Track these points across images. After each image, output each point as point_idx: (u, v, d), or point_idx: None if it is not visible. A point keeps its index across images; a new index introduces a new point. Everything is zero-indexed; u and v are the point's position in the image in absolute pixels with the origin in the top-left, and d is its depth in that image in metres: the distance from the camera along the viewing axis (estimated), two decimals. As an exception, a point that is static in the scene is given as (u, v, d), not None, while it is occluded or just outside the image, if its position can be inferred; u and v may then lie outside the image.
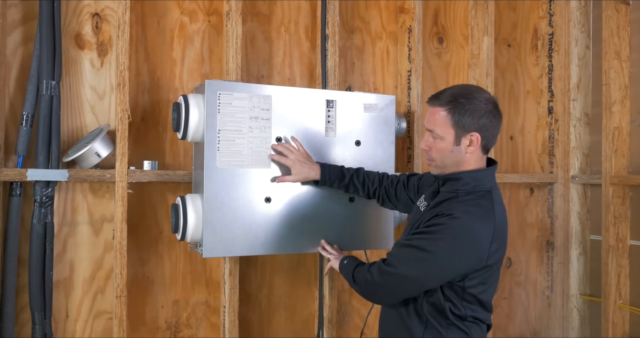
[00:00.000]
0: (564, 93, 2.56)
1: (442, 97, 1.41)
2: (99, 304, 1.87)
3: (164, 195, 1.95)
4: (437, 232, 1.34)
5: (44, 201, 1.72)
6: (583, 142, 2.58)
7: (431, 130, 1.42)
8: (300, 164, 1.71)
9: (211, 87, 1.66)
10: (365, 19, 2.29)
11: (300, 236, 1.79)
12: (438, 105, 1.41)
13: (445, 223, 1.34)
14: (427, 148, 1.45)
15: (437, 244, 1.34)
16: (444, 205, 1.40)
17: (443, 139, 1.40)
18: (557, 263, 2.56)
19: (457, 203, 1.38)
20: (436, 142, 1.42)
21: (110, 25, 1.88)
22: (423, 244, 1.35)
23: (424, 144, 1.45)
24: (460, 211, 1.35)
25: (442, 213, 1.36)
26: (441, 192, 1.46)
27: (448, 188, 1.44)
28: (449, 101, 1.39)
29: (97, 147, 1.73)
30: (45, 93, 1.72)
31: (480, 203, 1.38)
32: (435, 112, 1.41)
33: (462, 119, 1.38)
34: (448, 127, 1.39)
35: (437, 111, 1.41)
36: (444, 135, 1.40)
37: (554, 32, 2.58)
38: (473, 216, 1.35)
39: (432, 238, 1.35)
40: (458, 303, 1.39)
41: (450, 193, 1.42)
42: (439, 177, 1.48)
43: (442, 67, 2.45)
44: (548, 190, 2.59)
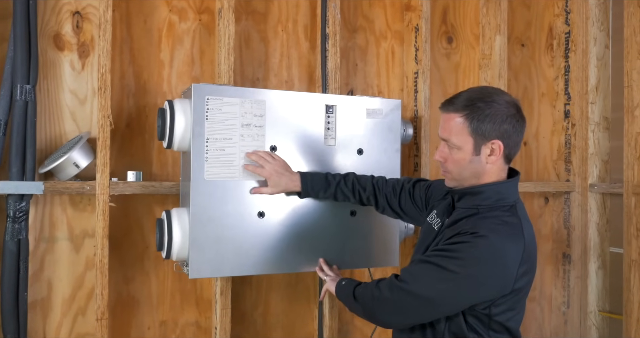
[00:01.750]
0: (581, 96, 2.39)
1: (457, 102, 1.25)
2: (80, 326, 1.73)
3: (151, 208, 1.81)
4: (461, 250, 1.19)
5: (18, 216, 1.58)
6: (602, 148, 2.42)
7: (446, 139, 1.27)
8: (278, 175, 1.54)
9: (198, 92, 1.52)
10: (369, 17, 2.14)
11: (297, 254, 1.64)
12: (453, 110, 1.25)
13: (470, 241, 1.18)
14: (442, 159, 1.30)
15: (460, 264, 1.18)
16: (463, 222, 1.25)
17: (460, 149, 1.25)
18: (574, 278, 2.40)
19: (479, 220, 1.23)
20: (452, 152, 1.27)
21: (93, 25, 1.74)
22: (444, 263, 1.20)
23: (439, 155, 1.30)
24: (485, 229, 1.19)
25: (464, 232, 1.21)
26: (457, 208, 1.30)
27: (466, 203, 1.28)
28: (466, 106, 1.24)
29: (75, 156, 1.59)
30: (20, 98, 1.58)
31: (506, 221, 1.22)
32: (449, 118, 1.26)
33: (481, 126, 1.22)
34: (466, 135, 1.24)
35: (452, 118, 1.25)
36: (461, 144, 1.25)
37: (570, 31, 2.41)
38: (501, 235, 1.19)
39: (455, 256, 1.19)
40: (484, 333, 1.24)
41: (469, 210, 1.26)
42: (454, 190, 1.32)
43: (451, 69, 2.29)
44: (564, 200, 2.43)
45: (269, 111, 1.60)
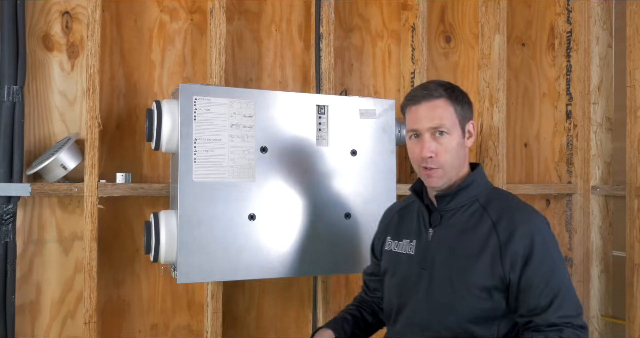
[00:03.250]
0: (583, 96, 2.34)
1: (434, 89, 1.25)
2: (69, 329, 1.70)
3: (142, 210, 1.78)
4: (553, 241, 1.20)
5: (5, 218, 1.56)
6: (605, 149, 2.36)
7: (438, 126, 1.22)
8: None
9: (186, 92, 1.49)
10: (365, 16, 2.11)
11: (289, 258, 1.61)
12: (436, 97, 1.24)
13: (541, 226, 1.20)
14: (433, 154, 1.22)
15: (558, 251, 1.20)
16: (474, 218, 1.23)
17: (451, 134, 1.23)
18: (576, 282, 2.35)
19: (493, 203, 1.24)
20: (443, 141, 1.22)
21: (82, 25, 1.72)
22: (555, 264, 1.18)
23: (428, 150, 1.22)
24: (524, 206, 1.24)
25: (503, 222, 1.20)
26: (447, 209, 1.26)
27: (459, 201, 1.25)
28: (445, 90, 1.25)
29: (62, 158, 1.57)
30: (7, 99, 1.56)
31: (515, 198, 1.28)
32: (435, 106, 1.23)
33: (462, 106, 1.26)
34: (454, 118, 1.24)
35: (438, 104, 1.23)
36: (452, 128, 1.23)
37: (572, 30, 2.37)
38: (534, 210, 1.25)
39: (555, 249, 1.19)
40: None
41: (468, 205, 1.25)
42: (444, 194, 1.26)
43: (450, 68, 2.25)
44: (566, 202, 2.38)
45: (258, 112, 1.57)
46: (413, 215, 1.35)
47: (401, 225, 1.37)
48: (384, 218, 1.45)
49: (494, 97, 2.18)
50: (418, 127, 1.23)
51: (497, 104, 2.17)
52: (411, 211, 1.37)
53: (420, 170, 1.25)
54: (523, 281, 1.15)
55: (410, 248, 1.30)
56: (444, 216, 1.26)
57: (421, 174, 1.26)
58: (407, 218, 1.36)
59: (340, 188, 1.67)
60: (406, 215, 1.38)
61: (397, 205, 1.46)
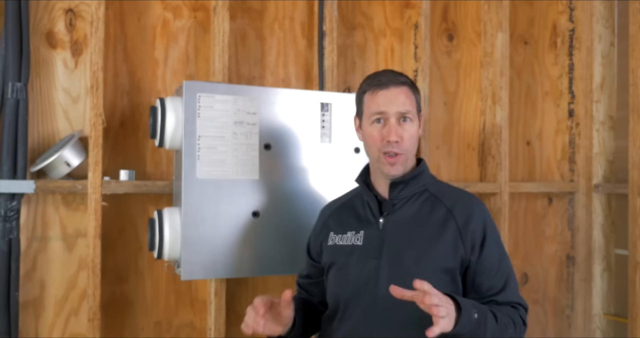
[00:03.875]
0: (585, 94, 2.34)
1: (397, 75, 1.26)
2: (73, 326, 1.70)
3: (145, 207, 1.78)
4: (493, 227, 1.26)
5: (9, 215, 1.56)
6: (607, 147, 2.37)
7: (405, 112, 1.22)
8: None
9: (190, 89, 1.49)
10: (368, 14, 2.11)
11: (293, 255, 1.60)
12: (402, 83, 1.24)
13: (485, 212, 1.26)
14: (399, 139, 1.21)
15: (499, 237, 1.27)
16: (428, 206, 1.26)
17: (413, 121, 1.24)
18: (579, 280, 2.35)
19: (443, 192, 1.29)
20: (407, 127, 1.23)
21: (86, 23, 1.72)
22: (502, 248, 1.26)
23: (395, 134, 1.20)
24: (470, 196, 1.30)
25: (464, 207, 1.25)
26: (398, 197, 1.25)
27: (409, 190, 1.26)
28: (406, 78, 1.27)
29: (66, 155, 1.58)
30: (11, 96, 1.56)
31: (458, 188, 1.34)
32: (400, 92, 1.23)
33: (418, 96, 1.28)
34: (414, 106, 1.26)
35: (403, 90, 1.24)
36: (414, 115, 1.25)
37: (574, 28, 2.37)
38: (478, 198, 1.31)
39: (497, 235, 1.26)
40: None
41: (420, 193, 1.27)
42: (398, 181, 1.24)
43: (452, 67, 2.25)
44: (568, 200, 2.38)
45: (262, 109, 1.57)
46: (357, 208, 1.32)
47: (344, 219, 1.33)
48: (322, 217, 1.40)
49: (496, 95, 2.18)
50: (386, 110, 1.21)
51: (499, 102, 2.17)
52: (353, 205, 1.34)
53: (381, 157, 1.22)
54: (479, 263, 1.21)
55: (357, 239, 1.26)
56: (396, 204, 1.25)
57: (381, 161, 1.23)
58: (350, 212, 1.33)
59: (344, 185, 1.66)
60: (348, 209, 1.34)
61: (334, 203, 1.41)
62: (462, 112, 2.26)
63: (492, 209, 2.20)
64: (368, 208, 1.29)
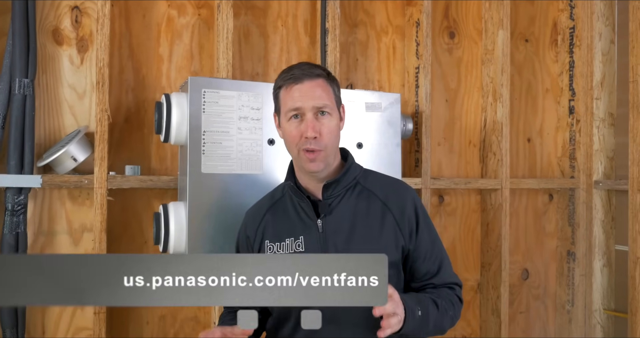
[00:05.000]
0: (586, 91, 2.36)
1: (315, 69, 1.19)
2: (79, 320, 1.72)
3: (150, 202, 1.80)
4: (424, 211, 1.25)
5: (16, 209, 1.58)
6: (607, 144, 2.38)
7: (322, 106, 1.16)
8: None
9: (195, 85, 1.51)
10: (370, 12, 2.13)
11: (294, 248, 1.62)
12: (317, 75, 1.18)
13: (415, 197, 1.25)
14: (317, 133, 1.15)
15: (430, 220, 1.27)
16: (363, 201, 1.21)
17: (332, 115, 1.18)
18: (579, 276, 2.37)
19: (373, 181, 1.25)
20: (325, 121, 1.16)
21: (91, 20, 1.74)
22: (433, 231, 1.26)
23: (313, 130, 1.14)
24: (394, 182, 1.28)
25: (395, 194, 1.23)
26: (332, 196, 1.20)
27: (342, 186, 1.21)
28: (322, 70, 1.21)
29: (73, 150, 1.60)
30: (18, 92, 1.58)
31: (384, 174, 1.32)
32: (317, 84, 1.17)
33: (337, 87, 1.23)
34: (333, 100, 1.19)
35: (320, 83, 1.17)
36: (332, 109, 1.19)
37: (575, 26, 2.39)
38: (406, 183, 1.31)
39: (429, 221, 1.26)
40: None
41: (349, 189, 1.22)
42: (325, 184, 1.19)
43: (453, 64, 2.27)
44: (569, 197, 2.40)
45: (266, 104, 1.59)
46: (288, 211, 1.24)
47: (277, 225, 1.24)
48: (252, 222, 1.29)
49: (497, 92, 2.20)
50: (302, 105, 1.15)
51: (500, 99, 2.19)
52: (284, 208, 1.26)
53: (301, 154, 1.17)
54: (415, 249, 1.21)
55: (297, 246, 1.20)
56: (332, 204, 1.20)
57: (301, 158, 1.17)
58: (283, 216, 1.25)
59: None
60: (278, 213, 1.26)
61: (262, 205, 1.32)
62: (463, 109, 2.28)
63: (493, 205, 2.22)
64: (302, 211, 1.22)
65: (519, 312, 2.37)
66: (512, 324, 2.32)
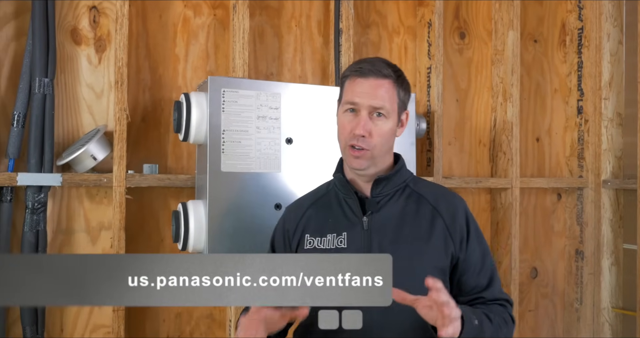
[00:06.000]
0: (594, 91, 2.39)
1: (383, 68, 1.15)
2: (96, 318, 1.74)
3: (166, 201, 1.82)
4: (476, 225, 1.20)
5: (36, 207, 1.59)
6: (615, 144, 2.41)
7: (380, 107, 1.13)
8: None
9: (214, 84, 1.53)
10: (382, 12, 2.15)
11: (311, 246, 1.64)
12: (384, 75, 1.14)
13: (466, 210, 1.20)
14: (366, 133, 1.12)
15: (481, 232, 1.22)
16: (412, 202, 1.18)
17: (389, 118, 1.14)
18: (587, 274, 2.39)
19: (423, 187, 1.21)
20: (379, 123, 1.13)
21: (109, 20, 1.76)
22: (484, 243, 1.20)
23: (363, 128, 1.11)
24: (445, 190, 1.24)
25: (445, 203, 1.18)
26: (380, 194, 1.17)
27: (392, 186, 1.18)
28: (393, 72, 1.16)
29: (92, 149, 1.61)
30: (38, 91, 1.60)
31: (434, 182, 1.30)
32: (380, 84, 1.13)
33: (405, 92, 1.18)
34: (394, 102, 1.15)
35: (383, 83, 1.13)
36: (391, 112, 1.14)
37: (583, 27, 2.41)
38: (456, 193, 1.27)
39: (480, 233, 1.20)
40: None
41: (399, 190, 1.18)
42: (375, 180, 1.17)
43: (464, 64, 2.29)
44: (577, 196, 2.42)
45: (284, 104, 1.61)
46: (332, 206, 1.22)
47: (320, 220, 1.21)
48: (293, 216, 1.26)
49: (507, 92, 2.22)
50: (359, 101, 1.13)
51: (510, 99, 2.21)
52: (327, 204, 1.23)
53: (347, 150, 1.15)
54: (464, 259, 1.16)
55: (339, 242, 1.17)
56: (380, 202, 1.17)
57: (347, 154, 1.16)
58: (326, 212, 1.22)
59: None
60: (322, 208, 1.23)
61: (304, 200, 1.29)
62: (473, 109, 2.30)
63: (503, 204, 2.24)
64: (347, 207, 1.19)
65: (527, 310, 2.39)
66: (521, 322, 2.34)
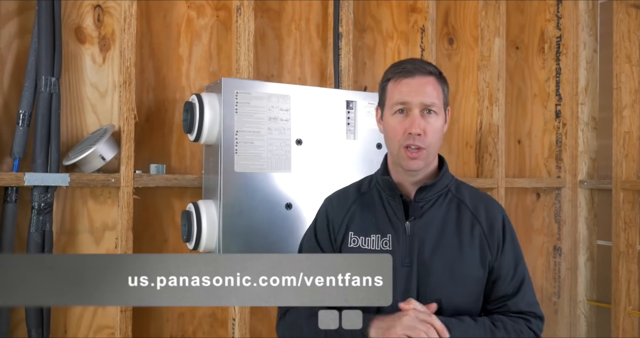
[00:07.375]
0: (571, 96, 2.52)
1: (425, 64, 1.16)
2: (100, 319, 1.73)
3: (170, 201, 1.82)
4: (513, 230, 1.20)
5: (43, 208, 1.57)
6: (590, 146, 2.55)
7: (430, 104, 1.12)
8: None
9: (228, 86, 1.55)
10: (377, 17, 2.21)
11: (319, 244, 1.68)
12: (429, 72, 1.14)
13: (505, 219, 1.20)
14: (422, 132, 1.11)
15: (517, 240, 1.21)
16: (453, 209, 1.18)
17: (438, 115, 1.14)
18: (565, 269, 2.53)
19: (464, 192, 1.21)
20: (431, 120, 1.12)
21: (113, 19, 1.75)
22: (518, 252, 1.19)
23: (418, 126, 1.10)
24: (491, 200, 1.24)
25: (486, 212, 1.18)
26: (424, 199, 1.17)
27: (435, 191, 1.18)
28: (435, 68, 1.17)
29: (101, 149, 1.60)
30: (45, 90, 1.57)
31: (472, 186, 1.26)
32: (427, 82, 1.13)
33: (447, 89, 1.18)
34: (441, 99, 1.15)
35: (430, 81, 1.13)
36: (440, 109, 1.14)
37: (562, 35, 2.54)
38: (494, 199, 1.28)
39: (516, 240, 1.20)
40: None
41: (442, 196, 1.19)
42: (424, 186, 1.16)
43: (452, 69, 2.38)
44: (555, 195, 2.55)
45: (293, 106, 1.64)
46: (375, 206, 1.21)
47: (364, 219, 1.20)
48: (338, 211, 1.23)
49: (493, 96, 2.33)
50: (410, 100, 1.11)
51: (496, 103, 2.32)
52: (371, 202, 1.22)
53: (402, 151, 1.13)
54: (498, 267, 1.16)
55: (384, 244, 1.16)
56: (423, 207, 1.17)
57: (401, 155, 1.13)
58: (370, 211, 1.21)
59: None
60: (365, 206, 1.22)
61: (348, 194, 1.26)
62: (460, 112, 2.40)
63: (489, 203, 2.34)
64: (391, 209, 1.18)
65: (509, 304, 2.50)
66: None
